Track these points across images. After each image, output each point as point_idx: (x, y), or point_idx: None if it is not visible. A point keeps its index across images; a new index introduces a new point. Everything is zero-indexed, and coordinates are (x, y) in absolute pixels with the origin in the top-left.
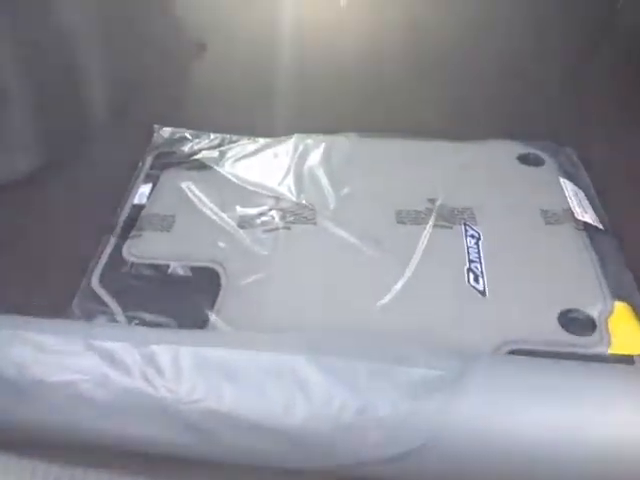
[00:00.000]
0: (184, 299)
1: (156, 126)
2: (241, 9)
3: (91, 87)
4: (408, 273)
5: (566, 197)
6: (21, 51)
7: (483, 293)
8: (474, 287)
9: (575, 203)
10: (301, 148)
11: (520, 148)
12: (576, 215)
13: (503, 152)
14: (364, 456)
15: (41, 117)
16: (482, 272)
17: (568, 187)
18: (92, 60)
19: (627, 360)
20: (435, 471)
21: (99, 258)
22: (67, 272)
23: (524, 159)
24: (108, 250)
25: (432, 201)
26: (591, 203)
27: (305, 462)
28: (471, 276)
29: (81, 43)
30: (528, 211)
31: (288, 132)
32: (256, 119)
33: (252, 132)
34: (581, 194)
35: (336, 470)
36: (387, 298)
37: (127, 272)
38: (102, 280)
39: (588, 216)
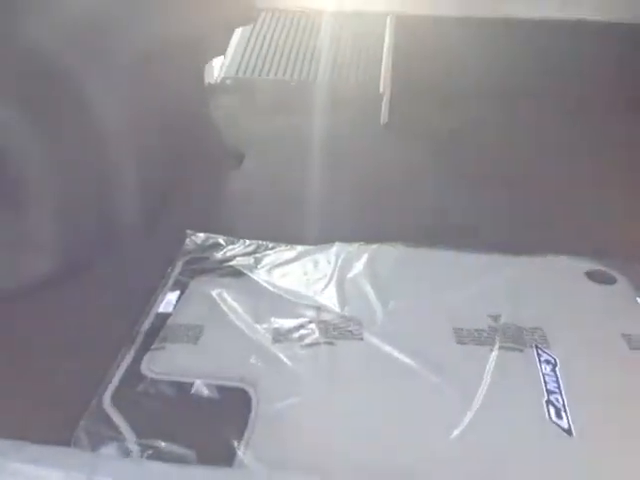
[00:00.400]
0: (208, 426)
1: (189, 231)
2: (279, 121)
3: (124, 190)
4: (476, 404)
5: None
6: (54, 150)
7: (569, 432)
8: (557, 424)
9: None
10: (343, 256)
11: (587, 264)
12: None
13: (569, 268)
14: None
15: (66, 219)
16: (565, 406)
17: None
18: (127, 164)
19: None
20: None
21: (114, 373)
22: (77, 388)
23: (593, 276)
24: (125, 364)
25: (495, 318)
26: None
27: None
28: (552, 410)
29: (119, 147)
30: (607, 334)
31: (323, 241)
32: (291, 227)
33: (287, 240)
34: None
35: None
36: (454, 434)
37: (144, 390)
38: (115, 399)
39: None
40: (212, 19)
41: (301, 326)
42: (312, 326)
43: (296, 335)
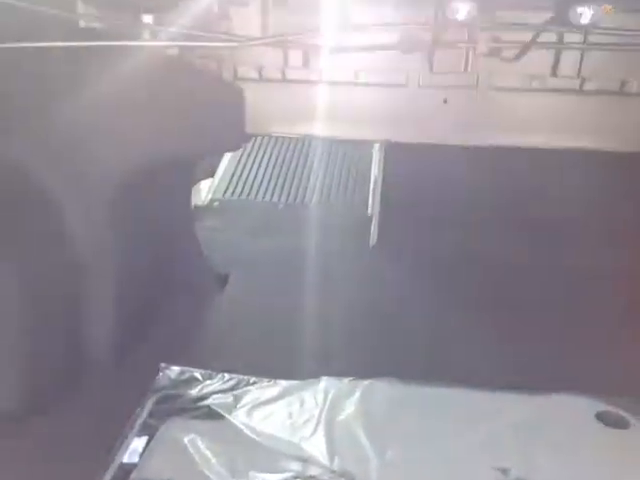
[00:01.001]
0: None
1: (162, 364)
2: (266, 243)
3: (98, 322)
4: None
5: None
6: (23, 277)
7: None
8: None
9: None
10: (332, 394)
11: (597, 404)
12: None
13: (579, 409)
14: None
15: (30, 353)
16: None
17: None
18: (104, 294)
19: None
20: None
21: None
22: None
23: (604, 418)
24: None
25: (504, 472)
26: None
27: None
28: None
29: (96, 276)
30: None
31: (311, 374)
32: (276, 359)
33: (271, 373)
34: None
35: None
36: None
37: None
38: None
39: None
40: (201, 143)
41: None
42: None
43: None
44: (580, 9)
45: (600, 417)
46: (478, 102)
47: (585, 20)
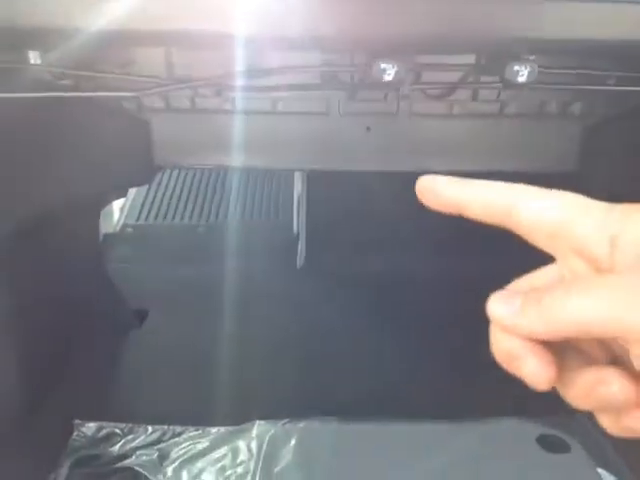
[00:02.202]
0: None
1: (77, 421)
2: (186, 270)
3: None
4: None
5: None
6: None
7: None
8: None
9: None
10: (267, 441)
11: (538, 428)
12: None
13: (519, 434)
14: None
15: None
16: None
17: None
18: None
19: None
20: None
21: None
22: None
23: (545, 443)
24: None
25: None
26: None
27: None
28: None
29: None
30: None
31: (242, 416)
32: (202, 403)
33: (200, 420)
34: None
35: None
36: None
37: None
38: None
39: None
40: (104, 182)
41: None
42: None
43: None
44: (517, 67)
45: (541, 441)
46: (400, 128)
47: (522, 78)
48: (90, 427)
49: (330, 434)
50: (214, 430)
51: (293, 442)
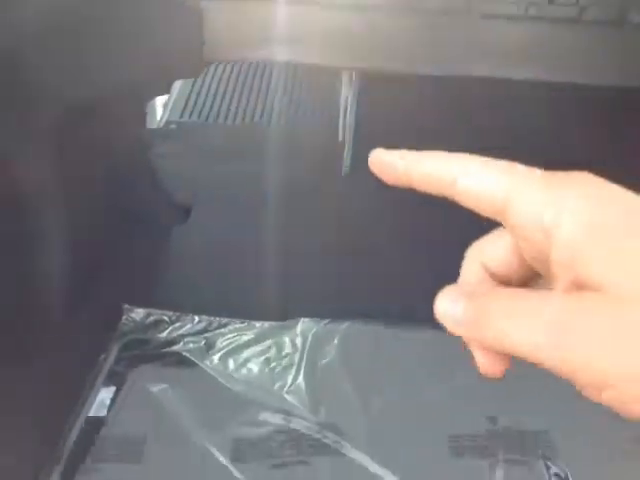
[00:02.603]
0: None
1: (126, 306)
2: (228, 169)
3: (44, 256)
4: None
5: None
6: None
7: None
8: None
9: None
10: (310, 337)
11: None
12: None
13: None
14: None
15: None
16: None
17: None
18: (45, 236)
19: None
20: None
21: None
22: None
23: None
24: None
25: (493, 420)
26: None
27: None
28: None
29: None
30: (621, 439)
31: (284, 312)
32: (246, 297)
33: (242, 314)
34: None
35: None
36: None
37: None
38: None
39: None
40: (155, 70)
41: (268, 438)
42: (281, 438)
43: (262, 451)
44: None
45: None
46: (467, 29)
47: None
48: (139, 313)
49: (371, 336)
50: (258, 324)
51: (336, 341)
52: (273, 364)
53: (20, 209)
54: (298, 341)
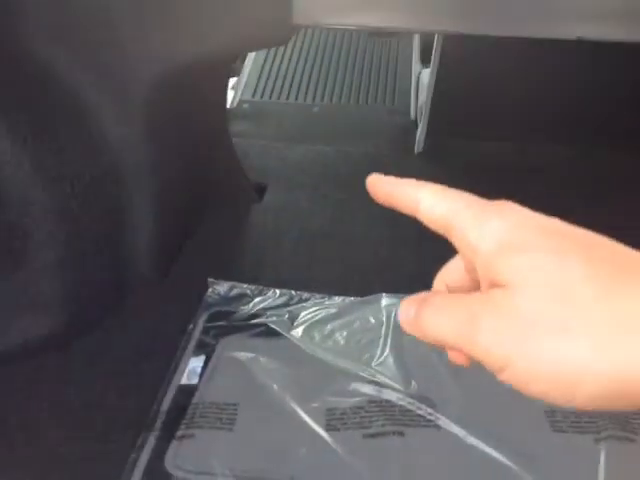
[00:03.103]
0: None
1: (210, 280)
2: (301, 149)
3: (135, 235)
4: None
5: None
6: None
7: None
8: None
9: None
10: (394, 312)
11: None
12: None
13: None
14: None
15: (70, 273)
16: None
17: None
18: (138, 204)
19: None
20: None
21: (132, 469)
22: None
23: None
24: (145, 457)
25: None
26: None
27: None
28: None
29: (127, 183)
30: None
31: (361, 289)
32: (324, 273)
33: (322, 289)
34: None
35: None
36: None
37: None
38: None
39: None
40: (243, 38)
41: (360, 408)
42: (374, 408)
43: (355, 420)
44: None
45: None
46: None
47: None
48: (223, 286)
49: None
50: (339, 299)
51: None
52: (359, 336)
53: (117, 183)
54: (382, 316)
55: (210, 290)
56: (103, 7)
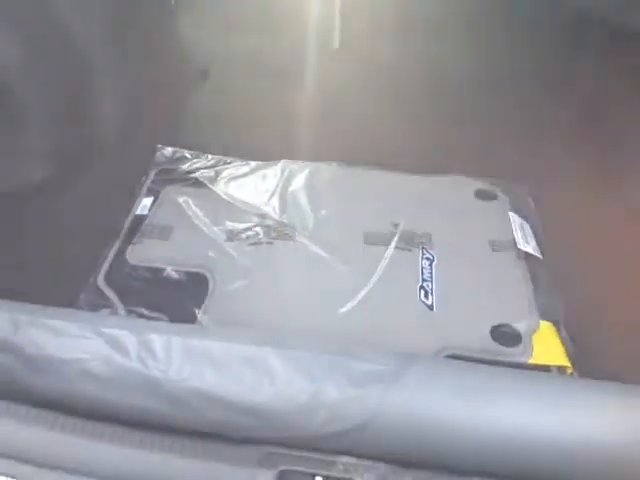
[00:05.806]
0: (177, 299)
1: (159, 146)
2: (243, 38)
3: (101, 108)
4: (368, 287)
5: (512, 229)
6: (42, 70)
7: (431, 307)
8: (424, 302)
9: (519, 235)
10: (287, 172)
11: (478, 184)
12: (519, 245)
13: (462, 187)
14: (314, 430)
15: (56, 130)
16: (432, 290)
17: (515, 220)
18: (102, 82)
19: (545, 369)
20: (371, 446)
21: (105, 260)
22: (77, 270)
23: (480, 194)
24: (113, 253)
25: (396, 225)
26: (535, 235)
27: (266, 432)
28: (422, 293)
29: (93, 66)
30: (478, 240)
31: (277, 157)
32: (248, 144)
33: (245, 156)
34: (527, 227)
35: (290, 441)
36: (348, 306)
37: (129, 273)
38: (107, 279)
39: (530, 247)
40: None
41: (248, 229)
42: (257, 229)
43: (244, 236)
44: None
45: (477, 193)
46: None
47: None
48: (168, 150)
49: (332, 173)
50: (253, 163)
51: (304, 174)
52: (258, 188)
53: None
54: (278, 174)
55: (158, 153)
56: None
